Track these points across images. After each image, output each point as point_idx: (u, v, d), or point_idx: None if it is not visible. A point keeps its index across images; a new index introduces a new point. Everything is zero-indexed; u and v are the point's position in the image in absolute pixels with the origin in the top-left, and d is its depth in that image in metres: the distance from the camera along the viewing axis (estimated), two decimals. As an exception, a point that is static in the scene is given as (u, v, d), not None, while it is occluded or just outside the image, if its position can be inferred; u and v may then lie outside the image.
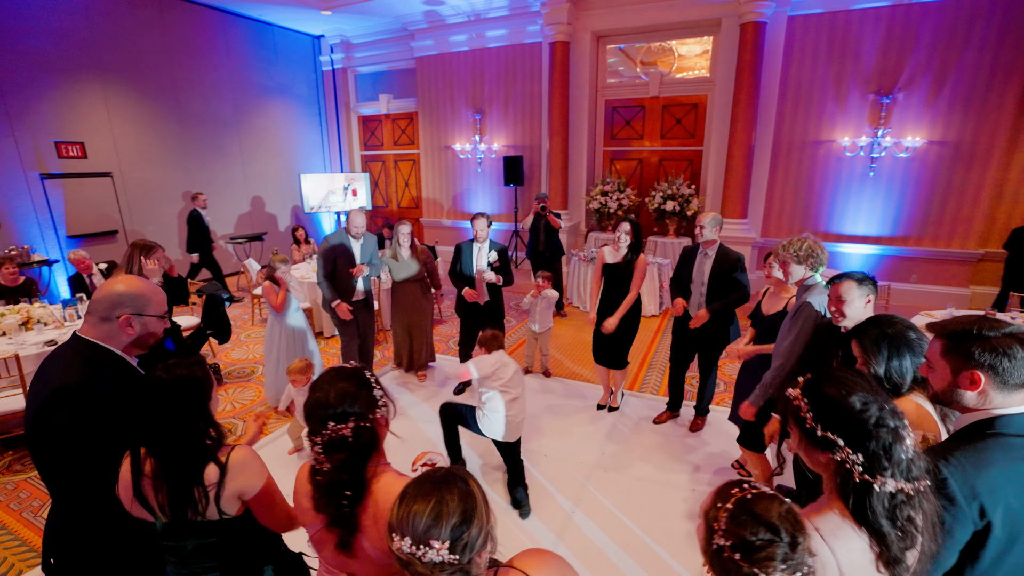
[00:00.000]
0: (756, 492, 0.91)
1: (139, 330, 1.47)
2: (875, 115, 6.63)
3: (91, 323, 1.45)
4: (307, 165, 10.24)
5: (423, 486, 0.92)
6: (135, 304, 1.47)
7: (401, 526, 0.88)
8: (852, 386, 1.02)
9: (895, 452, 0.96)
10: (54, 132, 6.52)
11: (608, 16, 7.55)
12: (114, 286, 1.48)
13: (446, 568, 0.86)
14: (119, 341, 1.46)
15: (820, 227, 7.23)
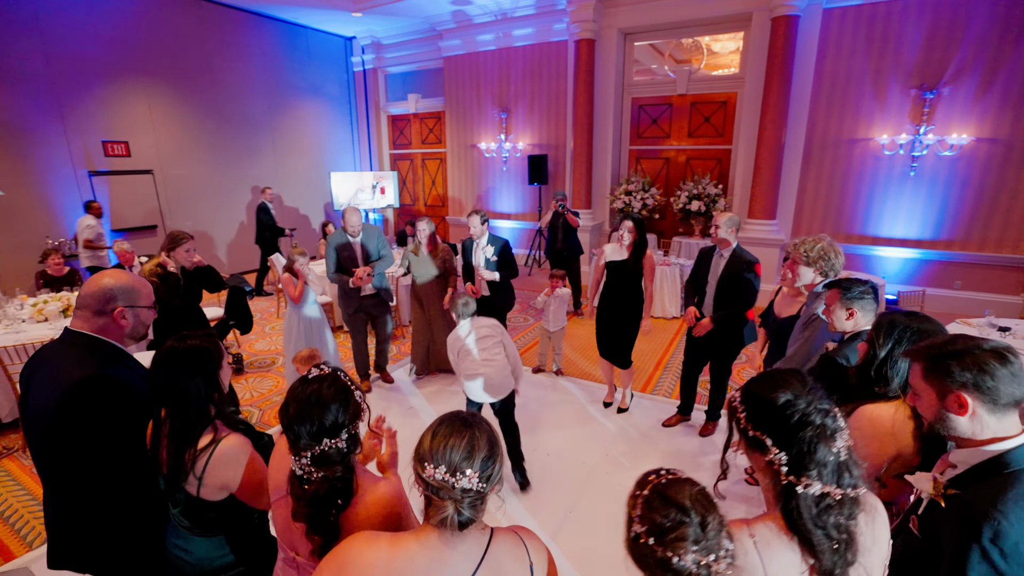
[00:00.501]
0: (671, 477, 0.92)
1: (132, 322, 1.51)
2: (917, 111, 6.28)
3: (84, 318, 1.47)
4: (337, 163, 10.51)
5: (455, 424, 1.01)
6: (127, 297, 1.50)
7: (435, 457, 0.96)
8: (781, 384, 0.98)
9: (819, 453, 0.91)
10: (102, 132, 6.93)
11: (635, 13, 7.42)
12: (102, 281, 1.49)
13: (470, 494, 0.95)
14: (115, 334, 1.50)
15: (855, 229, 6.90)
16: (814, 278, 2.27)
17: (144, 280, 1.59)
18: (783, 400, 0.95)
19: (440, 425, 1.02)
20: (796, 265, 2.28)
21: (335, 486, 1.15)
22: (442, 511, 0.95)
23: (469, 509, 0.96)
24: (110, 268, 1.62)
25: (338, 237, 4.17)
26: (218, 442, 1.36)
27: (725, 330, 3.38)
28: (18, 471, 3.32)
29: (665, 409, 4.03)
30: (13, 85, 6.11)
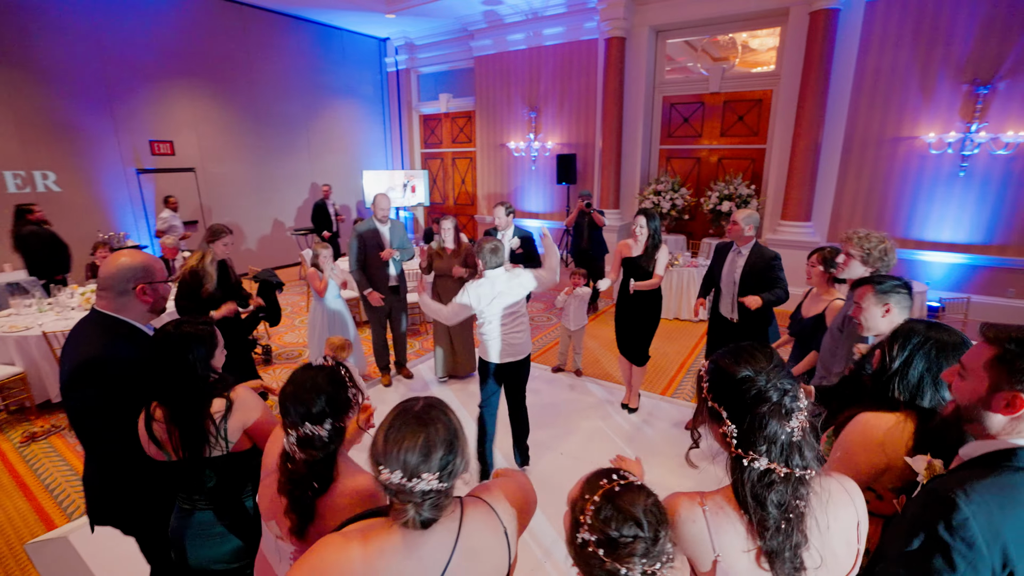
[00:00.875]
0: (624, 483, 0.88)
1: (153, 296, 1.64)
2: (969, 107, 5.92)
3: (108, 298, 1.60)
4: (370, 162, 10.75)
5: (408, 421, 0.94)
6: (146, 273, 1.62)
7: (390, 461, 0.91)
8: (745, 359, 0.96)
9: (770, 429, 0.89)
10: (149, 132, 7.32)
11: (667, 9, 7.29)
12: (119, 261, 1.61)
13: (430, 496, 0.92)
14: (137, 310, 1.63)
15: (897, 232, 6.56)
16: (861, 275, 2.17)
17: (155, 257, 1.75)
18: (743, 375, 0.94)
19: (392, 423, 0.95)
20: (852, 259, 2.17)
21: (314, 470, 1.19)
22: (403, 514, 0.92)
23: (431, 510, 0.93)
24: (125, 251, 1.69)
25: (365, 225, 4.20)
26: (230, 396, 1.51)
27: (750, 328, 3.30)
28: (64, 448, 3.55)
29: (686, 413, 3.96)
30: (72, 89, 6.55)
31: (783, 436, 0.90)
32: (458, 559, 0.97)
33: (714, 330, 3.56)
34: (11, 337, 3.91)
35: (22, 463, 3.36)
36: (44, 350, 3.91)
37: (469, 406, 3.98)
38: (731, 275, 3.33)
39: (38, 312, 4.39)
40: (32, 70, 6.21)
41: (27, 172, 6.31)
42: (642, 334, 3.75)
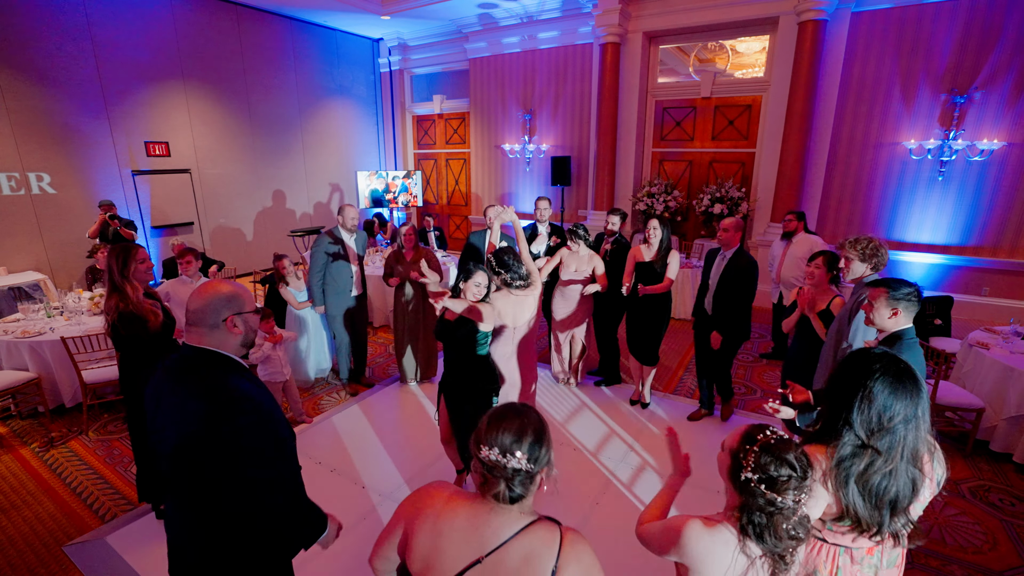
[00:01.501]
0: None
1: (244, 328, 1.49)
2: (947, 116, 6.24)
3: (200, 333, 1.44)
4: (363, 163, 10.77)
5: (507, 412, 1.16)
6: (234, 304, 1.48)
7: (490, 440, 1.11)
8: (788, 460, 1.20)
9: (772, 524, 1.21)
10: (144, 133, 7.26)
11: (661, 17, 7.48)
12: (208, 292, 1.47)
13: (519, 474, 1.10)
14: (231, 344, 1.48)
15: (880, 233, 6.88)
16: (864, 271, 2.42)
17: (243, 285, 1.60)
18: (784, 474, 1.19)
19: (494, 412, 1.17)
20: (852, 262, 2.43)
21: None
22: (495, 486, 1.10)
23: (520, 487, 1.10)
24: (210, 281, 1.60)
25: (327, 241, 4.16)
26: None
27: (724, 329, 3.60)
28: (84, 452, 3.59)
29: (687, 409, 4.15)
30: (68, 89, 6.46)
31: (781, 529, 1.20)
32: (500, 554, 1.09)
33: (698, 324, 3.86)
34: (24, 342, 3.92)
35: (45, 468, 3.39)
36: (58, 354, 3.93)
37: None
38: (715, 276, 3.64)
39: (47, 317, 4.39)
40: (26, 71, 6.12)
41: (22, 174, 6.22)
42: (652, 335, 3.95)
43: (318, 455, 3.49)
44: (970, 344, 3.92)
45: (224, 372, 1.41)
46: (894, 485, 1.31)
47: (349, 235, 4.28)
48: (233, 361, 1.47)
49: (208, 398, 1.33)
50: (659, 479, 3.25)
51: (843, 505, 1.33)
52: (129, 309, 2.49)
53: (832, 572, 1.47)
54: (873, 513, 1.32)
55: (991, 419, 3.48)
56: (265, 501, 1.37)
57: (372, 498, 3.06)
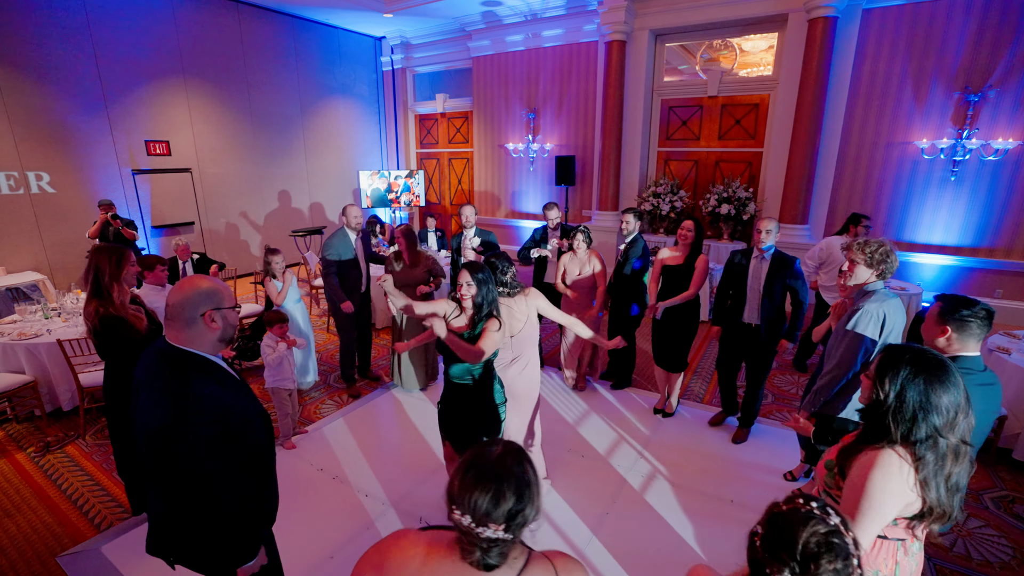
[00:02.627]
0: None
1: (222, 323, 1.49)
2: (960, 114, 6.13)
3: (177, 328, 1.44)
4: (365, 162, 10.68)
5: (482, 471, 0.98)
6: (212, 299, 1.47)
7: (462, 503, 0.96)
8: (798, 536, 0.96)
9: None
10: (145, 132, 7.18)
11: (667, 14, 7.38)
12: (186, 288, 1.47)
13: (496, 544, 0.96)
14: (207, 340, 1.47)
15: (890, 235, 6.77)
16: (868, 278, 2.29)
17: (223, 282, 1.58)
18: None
19: (468, 467, 0.99)
20: (856, 265, 2.29)
21: None
22: (470, 553, 0.97)
23: (496, 557, 0.98)
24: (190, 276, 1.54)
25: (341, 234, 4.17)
26: None
27: (773, 335, 3.39)
28: (81, 457, 3.51)
29: (700, 415, 4.05)
30: (67, 86, 6.39)
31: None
32: None
33: (730, 335, 3.60)
34: (21, 345, 3.84)
35: (40, 474, 3.31)
36: (55, 357, 3.85)
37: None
38: (756, 280, 3.39)
39: (44, 318, 4.32)
40: (25, 68, 6.04)
41: (20, 173, 6.15)
42: (681, 341, 3.79)
43: (319, 461, 3.40)
44: (990, 349, 3.81)
45: (193, 375, 1.41)
46: (965, 471, 1.35)
47: (354, 234, 4.28)
48: (206, 362, 1.47)
49: (174, 400, 1.37)
50: (670, 487, 3.16)
51: (929, 502, 1.32)
52: (110, 313, 2.37)
53: (892, 569, 1.44)
54: (950, 500, 1.33)
55: (1013, 427, 3.38)
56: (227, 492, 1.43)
57: (375, 508, 2.97)
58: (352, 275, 4.28)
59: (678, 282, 3.70)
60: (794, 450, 3.46)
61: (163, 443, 1.36)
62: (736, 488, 3.12)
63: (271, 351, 3.44)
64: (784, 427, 3.86)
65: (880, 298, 2.25)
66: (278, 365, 3.48)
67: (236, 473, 1.44)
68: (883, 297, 2.26)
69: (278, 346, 3.46)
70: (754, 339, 3.42)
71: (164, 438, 1.36)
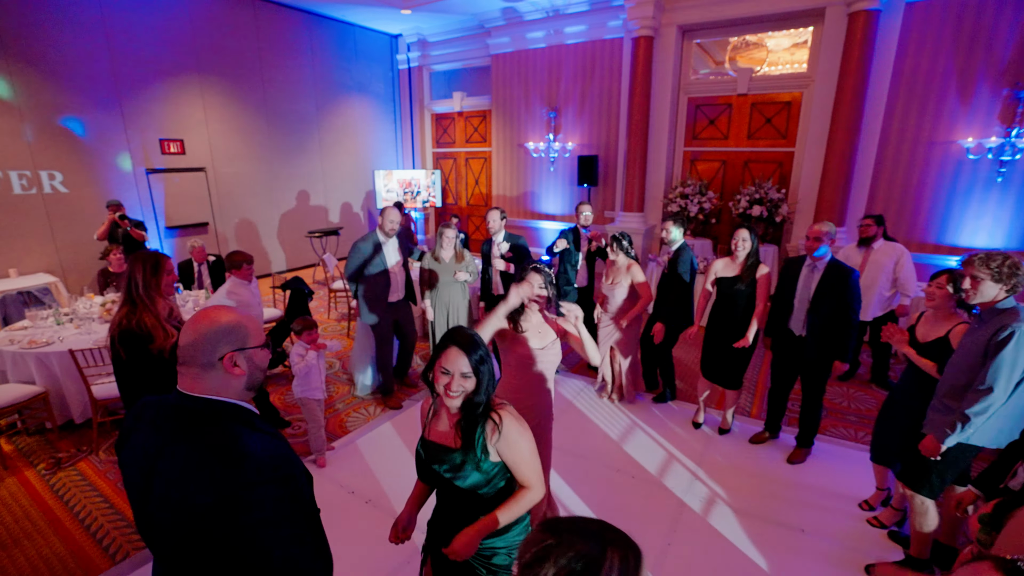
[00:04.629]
0: None
1: (247, 368, 1.20)
2: (1009, 112, 5.83)
3: (193, 376, 1.16)
4: (381, 162, 10.48)
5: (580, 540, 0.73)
6: (234, 338, 1.18)
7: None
8: None
9: None
10: (159, 130, 6.99)
11: (697, 9, 7.11)
12: (201, 325, 1.17)
13: None
14: (231, 388, 1.19)
15: (930, 238, 6.48)
16: (998, 294, 2.04)
17: (249, 315, 1.28)
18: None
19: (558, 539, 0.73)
20: (982, 282, 2.05)
21: None
22: None
23: None
24: (207, 308, 1.24)
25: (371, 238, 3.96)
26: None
27: (825, 345, 3.15)
28: (93, 475, 3.29)
29: (746, 428, 3.79)
30: (80, 84, 6.21)
31: None
32: None
33: (780, 345, 3.41)
34: (31, 354, 3.64)
35: (51, 494, 3.09)
36: (66, 366, 3.64)
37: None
38: (805, 291, 3.19)
39: (56, 324, 4.11)
40: (37, 66, 5.86)
41: (33, 172, 5.97)
42: (739, 359, 3.55)
43: (350, 482, 3.16)
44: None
45: (234, 427, 1.12)
46: None
47: (386, 239, 3.96)
48: (240, 410, 1.18)
49: (221, 462, 1.06)
50: (733, 514, 2.90)
51: None
52: (132, 327, 2.12)
53: None
54: None
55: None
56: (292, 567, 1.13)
57: (418, 537, 2.72)
58: (379, 284, 3.98)
59: (735, 296, 3.43)
60: (861, 473, 3.19)
61: (213, 521, 1.04)
62: (807, 516, 2.85)
63: (300, 360, 3.22)
64: (844, 446, 3.60)
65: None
66: (306, 374, 3.25)
67: (303, 542, 1.16)
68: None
69: (307, 354, 3.23)
70: (804, 351, 3.20)
71: (215, 514, 1.04)
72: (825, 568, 2.47)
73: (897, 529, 2.78)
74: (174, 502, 1.07)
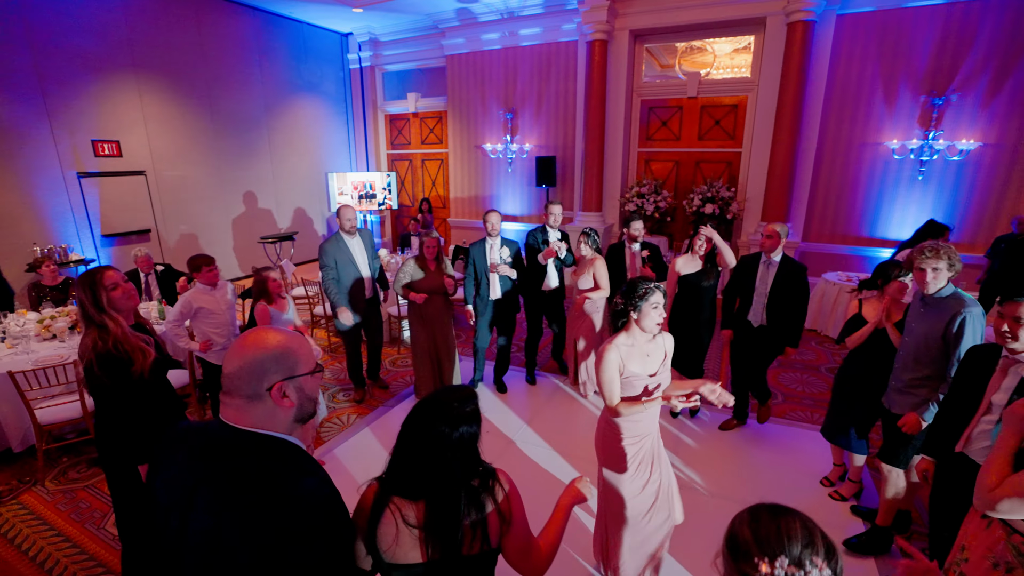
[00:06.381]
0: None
1: (297, 399, 1.10)
2: (926, 117, 6.42)
3: (238, 407, 1.06)
4: (334, 164, 10.18)
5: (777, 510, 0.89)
6: (284, 365, 1.08)
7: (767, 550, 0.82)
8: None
9: None
10: (91, 131, 6.48)
11: (648, 15, 7.37)
12: (246, 351, 1.07)
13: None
14: (280, 421, 1.09)
15: (864, 231, 7.04)
16: (947, 280, 2.26)
17: (301, 337, 1.15)
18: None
19: (757, 513, 0.89)
20: (940, 272, 2.25)
21: None
22: None
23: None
24: (253, 330, 1.12)
25: (335, 239, 3.98)
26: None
27: (774, 337, 3.47)
28: (42, 507, 3.02)
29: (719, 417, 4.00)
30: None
31: None
32: None
33: (739, 336, 3.67)
34: (-40, 378, 3.29)
35: (-5, 532, 2.82)
36: (4, 391, 3.32)
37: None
38: (763, 285, 3.45)
39: (-15, 345, 3.74)
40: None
41: (-56, 177, 5.39)
42: (698, 346, 3.74)
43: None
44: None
45: (291, 467, 1.04)
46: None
47: (350, 237, 4.00)
48: (295, 449, 1.09)
49: (281, 506, 0.97)
50: (708, 497, 3.04)
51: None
52: (108, 348, 1.97)
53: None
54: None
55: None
56: None
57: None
58: (350, 283, 4.00)
59: (699, 291, 3.65)
60: (819, 452, 3.45)
61: (259, 565, 0.96)
62: (777, 496, 2.99)
63: None
64: (801, 427, 3.87)
65: (973, 303, 2.22)
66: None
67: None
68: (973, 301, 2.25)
69: None
70: (760, 337, 3.50)
71: (263, 557, 0.96)
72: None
73: (856, 502, 3.01)
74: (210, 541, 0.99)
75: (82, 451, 3.55)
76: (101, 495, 3.11)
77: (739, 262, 3.64)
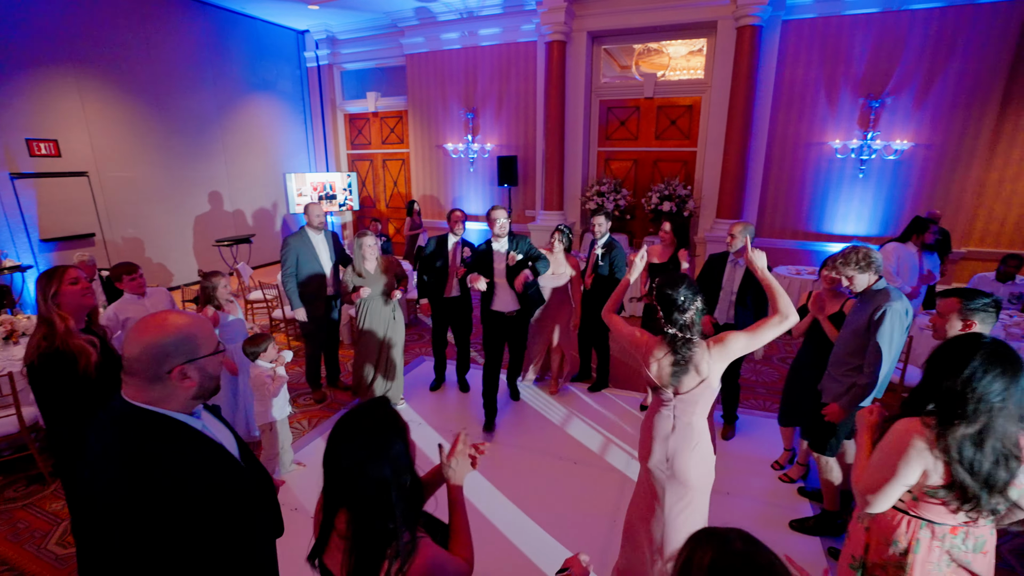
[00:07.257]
0: None
1: (198, 378, 1.15)
2: (865, 118, 6.81)
3: (136, 386, 1.11)
4: (292, 164, 9.93)
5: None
6: (184, 348, 1.13)
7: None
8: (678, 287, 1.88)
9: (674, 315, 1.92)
10: (24, 129, 6.11)
11: (604, 17, 7.52)
12: (147, 335, 1.10)
13: None
14: (177, 399, 1.14)
15: (812, 227, 7.39)
16: (871, 280, 2.40)
17: (201, 319, 1.20)
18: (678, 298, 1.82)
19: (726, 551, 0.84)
20: (854, 277, 2.41)
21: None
22: None
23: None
24: (154, 314, 1.17)
25: (300, 235, 3.96)
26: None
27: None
28: (-24, 529, 2.84)
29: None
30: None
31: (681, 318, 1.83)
32: None
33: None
34: None
35: (-78, 556, 2.64)
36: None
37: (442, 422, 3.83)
38: (730, 286, 3.50)
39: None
40: None
41: None
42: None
43: (291, 499, 3.02)
44: (920, 328, 4.21)
45: (151, 438, 1.10)
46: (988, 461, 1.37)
47: (316, 234, 3.99)
48: (170, 423, 1.13)
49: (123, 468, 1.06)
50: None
51: (952, 475, 1.39)
52: (54, 348, 1.91)
53: (911, 544, 1.53)
54: (974, 486, 1.38)
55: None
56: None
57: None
58: (313, 281, 3.96)
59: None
60: (771, 438, 3.61)
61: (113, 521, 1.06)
62: (730, 481, 3.17)
63: (271, 382, 2.99)
64: (755, 414, 4.04)
65: (896, 296, 2.34)
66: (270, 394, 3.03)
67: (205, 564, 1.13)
68: (898, 294, 2.37)
69: (276, 372, 3.03)
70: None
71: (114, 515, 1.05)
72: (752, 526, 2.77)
73: (803, 484, 3.18)
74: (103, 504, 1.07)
75: (20, 467, 3.36)
76: (42, 513, 2.96)
77: (707, 260, 3.70)
